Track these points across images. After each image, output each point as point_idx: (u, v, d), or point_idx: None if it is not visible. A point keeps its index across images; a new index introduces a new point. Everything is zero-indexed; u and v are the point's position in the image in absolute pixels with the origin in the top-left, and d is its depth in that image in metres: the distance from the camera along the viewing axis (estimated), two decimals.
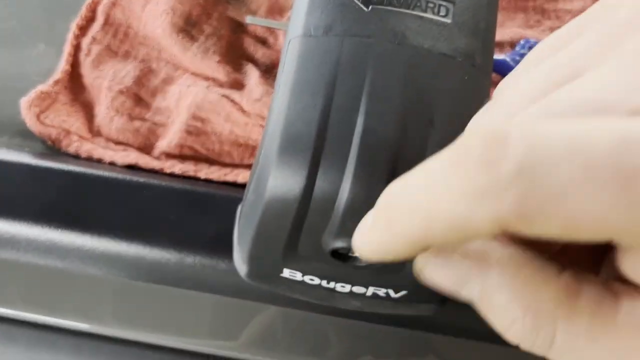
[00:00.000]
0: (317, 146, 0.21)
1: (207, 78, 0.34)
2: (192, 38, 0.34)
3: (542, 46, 0.19)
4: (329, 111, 0.22)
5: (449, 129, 0.22)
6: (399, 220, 0.16)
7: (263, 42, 0.36)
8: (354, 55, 0.22)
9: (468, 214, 0.13)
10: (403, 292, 0.25)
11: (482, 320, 0.17)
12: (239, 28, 0.36)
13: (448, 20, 0.23)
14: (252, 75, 0.34)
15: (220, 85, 0.34)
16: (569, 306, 0.15)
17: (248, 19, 0.35)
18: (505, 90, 0.19)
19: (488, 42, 0.24)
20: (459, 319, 0.29)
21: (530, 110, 0.16)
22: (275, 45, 0.36)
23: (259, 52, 0.35)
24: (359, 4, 0.23)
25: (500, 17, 0.37)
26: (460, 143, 0.14)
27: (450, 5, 0.23)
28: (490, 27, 0.25)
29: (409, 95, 0.22)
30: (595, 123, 0.13)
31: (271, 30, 0.36)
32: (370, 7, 0.23)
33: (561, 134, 0.13)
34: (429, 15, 0.23)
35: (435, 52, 0.22)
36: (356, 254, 0.22)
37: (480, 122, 0.17)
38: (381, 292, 0.25)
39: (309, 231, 0.22)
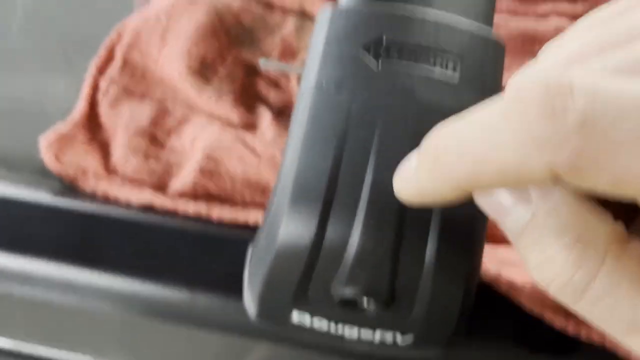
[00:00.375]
0: (327, 197, 0.22)
1: (221, 119, 0.35)
2: (207, 80, 0.35)
3: (592, 16, 0.18)
4: (340, 164, 0.22)
5: None
6: (448, 162, 0.16)
7: (275, 84, 0.37)
8: (364, 110, 0.23)
9: (524, 160, 0.14)
10: (410, 338, 0.26)
11: None
12: (253, 70, 0.37)
13: (456, 76, 0.24)
14: (265, 117, 0.35)
15: (234, 126, 0.35)
16: (620, 247, 0.15)
17: (261, 63, 0.36)
18: (553, 49, 0.19)
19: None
20: None
21: (590, 65, 0.16)
22: (288, 87, 0.37)
23: (272, 94, 0.36)
24: (370, 57, 0.24)
25: (507, 60, 0.38)
26: (514, 94, 0.14)
27: (458, 60, 0.24)
28: (497, 83, 0.25)
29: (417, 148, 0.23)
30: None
31: (284, 74, 0.37)
32: (380, 62, 0.24)
33: (626, 91, 0.13)
34: (437, 70, 0.24)
35: (442, 108, 0.23)
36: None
37: (530, 75, 0.16)
38: (389, 337, 0.26)
39: (319, 278, 0.23)
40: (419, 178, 0.18)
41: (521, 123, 0.14)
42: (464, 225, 0.23)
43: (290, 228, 0.23)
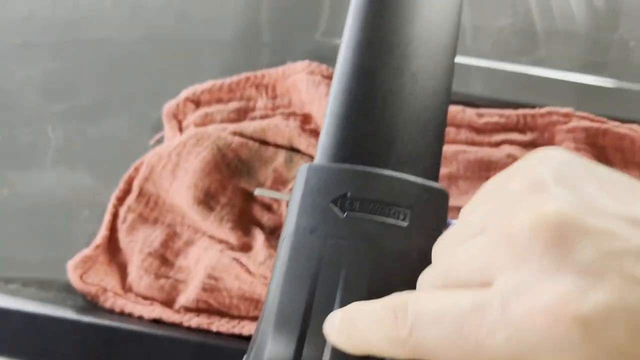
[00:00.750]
0: (303, 326, 0.27)
1: (221, 241, 0.41)
2: (210, 208, 0.42)
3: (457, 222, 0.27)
4: (313, 299, 0.28)
5: None
6: (353, 335, 0.25)
7: (268, 208, 0.43)
8: (333, 253, 0.29)
9: (388, 349, 0.23)
10: None
11: None
12: (250, 197, 0.43)
13: (405, 224, 0.30)
14: (259, 238, 0.41)
15: (232, 248, 0.41)
16: None
17: (256, 192, 0.42)
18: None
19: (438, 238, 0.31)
20: None
21: (426, 282, 0.25)
22: (279, 210, 0.43)
23: (265, 217, 0.43)
24: (337, 211, 0.30)
25: (466, 185, 0.44)
26: (384, 306, 0.23)
27: (408, 211, 0.30)
28: (440, 225, 0.31)
29: (374, 286, 0.28)
30: (452, 294, 0.22)
31: (276, 199, 0.43)
32: (345, 214, 0.30)
33: (431, 304, 0.22)
34: (391, 220, 0.30)
35: (394, 250, 0.29)
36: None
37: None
38: None
39: None
40: (338, 336, 0.26)
41: (383, 327, 0.23)
42: None
43: (273, 351, 0.28)
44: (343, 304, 0.28)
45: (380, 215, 0.30)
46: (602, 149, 0.45)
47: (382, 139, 0.32)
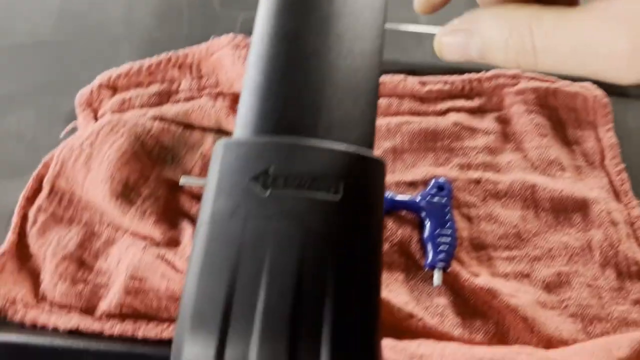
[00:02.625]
0: (223, 325, 0.23)
1: (144, 238, 0.37)
2: (130, 202, 0.37)
3: None
4: (234, 291, 0.24)
5: (342, 297, 0.24)
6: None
7: (198, 198, 0.39)
8: (255, 236, 0.25)
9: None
10: None
11: None
12: (176, 187, 0.39)
13: (337, 199, 0.26)
14: (187, 231, 0.37)
15: (157, 244, 0.36)
16: (538, 16, 0.23)
17: (182, 180, 0.38)
18: None
19: (378, 212, 0.27)
20: None
21: None
22: None
23: (194, 208, 0.38)
24: (259, 189, 0.26)
25: (411, 157, 0.41)
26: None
27: (340, 184, 0.26)
28: (378, 197, 0.28)
29: (304, 271, 0.24)
30: None
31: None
32: (268, 192, 0.26)
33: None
34: (320, 194, 0.26)
35: (326, 227, 0.25)
36: None
37: None
38: None
39: None
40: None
41: None
42: (356, 339, 0.24)
43: (190, 356, 0.24)
44: (269, 296, 0.24)
45: (309, 190, 0.26)
46: (553, 109, 0.43)
47: (308, 106, 0.29)
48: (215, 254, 0.25)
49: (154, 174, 0.39)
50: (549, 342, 0.34)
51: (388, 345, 0.32)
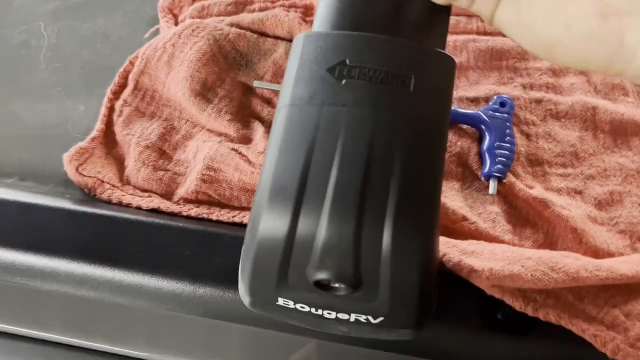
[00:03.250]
0: (298, 196, 0.26)
1: (220, 134, 0.40)
2: (208, 100, 0.40)
3: None
4: (309, 167, 0.27)
5: (407, 179, 0.26)
6: None
7: (268, 102, 0.42)
8: (330, 121, 0.27)
9: None
10: (381, 318, 0.29)
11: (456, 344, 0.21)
12: (249, 90, 0.42)
13: (408, 90, 0.28)
14: (258, 131, 0.40)
15: (231, 140, 0.39)
16: None
17: (255, 84, 0.41)
18: None
19: (444, 108, 0.29)
20: (434, 343, 0.33)
21: None
22: None
23: (265, 111, 0.41)
24: (335, 78, 0.28)
25: (476, 75, 0.42)
26: None
27: (411, 77, 0.28)
28: (447, 92, 0.29)
29: (374, 153, 0.27)
30: None
31: (275, 92, 0.41)
32: (343, 81, 0.28)
33: None
34: (391, 87, 0.28)
35: (397, 116, 0.27)
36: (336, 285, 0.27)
37: None
38: (362, 318, 0.30)
39: (295, 265, 0.27)
40: None
41: None
42: (416, 216, 0.26)
43: (268, 223, 0.27)
44: (340, 174, 0.26)
45: (382, 82, 0.28)
46: None
47: (384, 3, 0.30)
48: (293, 135, 0.27)
49: (230, 76, 0.41)
50: (596, 254, 0.36)
51: (441, 240, 0.34)
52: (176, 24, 0.44)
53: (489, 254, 0.33)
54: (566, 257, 0.34)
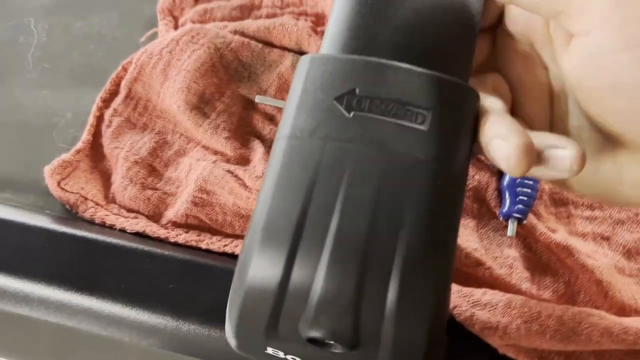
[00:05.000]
0: (294, 242, 0.23)
1: (215, 152, 0.36)
2: (205, 115, 0.37)
3: None
4: (308, 209, 0.23)
5: (418, 230, 0.23)
6: None
7: (271, 119, 0.38)
8: (334, 158, 0.24)
9: None
10: None
11: None
12: (250, 105, 0.38)
13: (424, 128, 0.25)
14: (258, 151, 0.36)
15: (227, 160, 0.36)
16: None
17: (257, 99, 0.37)
18: None
19: (465, 147, 0.25)
20: None
21: None
22: None
23: (267, 129, 0.38)
24: (342, 110, 0.25)
25: None
26: None
27: (427, 113, 0.25)
28: (468, 133, 0.26)
29: (382, 198, 0.23)
30: None
31: (279, 109, 0.38)
32: (352, 114, 0.25)
33: None
34: (406, 122, 0.25)
35: (409, 158, 0.24)
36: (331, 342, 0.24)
37: None
38: None
39: (286, 317, 0.24)
40: None
41: None
42: (426, 272, 0.23)
43: (259, 269, 0.23)
44: (342, 220, 0.23)
45: (394, 116, 0.25)
46: None
47: (403, 26, 0.27)
48: (292, 170, 0.24)
49: (230, 89, 0.38)
50: (622, 310, 0.32)
51: (452, 289, 0.31)
52: (176, 27, 0.41)
53: (504, 308, 0.30)
54: (591, 315, 0.30)
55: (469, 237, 0.34)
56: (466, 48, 0.28)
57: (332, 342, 0.24)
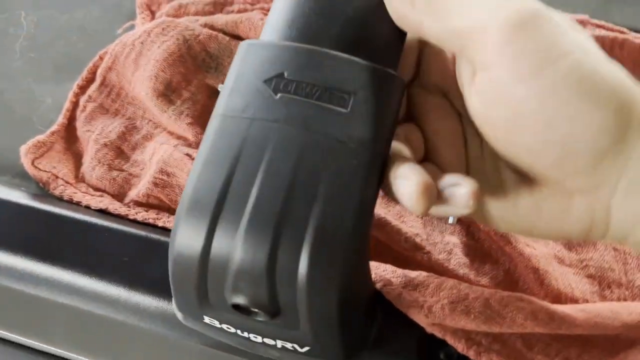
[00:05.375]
0: (215, 211, 0.25)
1: (179, 137, 0.39)
2: (170, 102, 0.39)
3: None
4: (230, 182, 0.25)
5: (330, 204, 0.25)
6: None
7: None
8: (258, 136, 0.26)
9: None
10: (307, 348, 0.28)
11: None
12: (215, 94, 0.40)
13: (345, 110, 0.26)
14: None
15: (189, 144, 0.38)
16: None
17: (220, 88, 0.39)
18: None
19: (384, 130, 0.27)
20: None
21: None
22: None
23: None
24: (270, 91, 0.27)
25: None
26: None
27: (349, 97, 0.26)
28: (390, 114, 0.27)
29: (299, 173, 0.25)
30: None
31: None
32: (279, 95, 0.26)
33: None
34: (328, 105, 0.26)
35: (329, 137, 0.26)
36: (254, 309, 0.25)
37: None
38: (289, 345, 0.28)
39: (213, 285, 0.26)
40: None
41: None
42: (335, 243, 0.24)
43: (183, 238, 0.25)
44: (261, 191, 0.25)
45: (318, 99, 0.26)
46: (618, 61, 0.39)
47: (336, 16, 0.29)
48: (219, 146, 0.26)
49: (197, 79, 0.40)
50: (558, 298, 0.33)
51: (387, 269, 0.32)
52: (152, 20, 0.43)
53: (434, 289, 0.31)
54: (519, 300, 0.31)
55: (413, 223, 0.36)
56: (395, 40, 0.29)
57: (254, 309, 0.26)
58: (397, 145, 0.28)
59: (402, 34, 0.29)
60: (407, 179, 0.25)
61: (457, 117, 0.29)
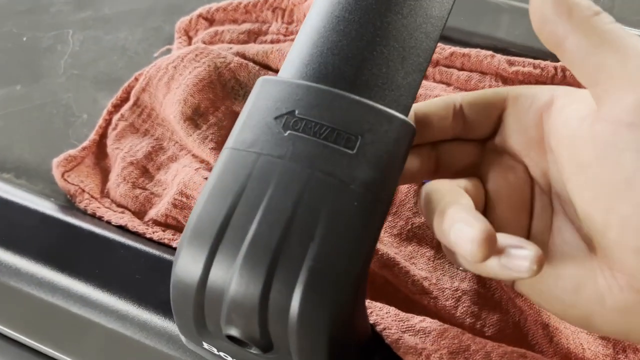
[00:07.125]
0: (215, 242, 0.25)
1: (202, 161, 0.40)
2: (196, 126, 0.40)
3: None
4: (232, 215, 0.26)
5: (327, 244, 0.25)
6: None
7: None
8: (263, 170, 0.26)
9: None
10: None
11: None
12: None
13: (351, 152, 0.26)
14: None
15: (210, 169, 0.39)
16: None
17: None
18: None
19: (389, 175, 0.27)
20: None
21: None
22: None
23: None
24: (280, 128, 0.27)
25: None
26: None
27: (356, 139, 0.26)
28: (397, 160, 0.27)
29: (299, 211, 0.25)
30: None
31: None
32: (287, 133, 0.27)
33: None
34: (335, 145, 0.26)
35: (332, 177, 0.26)
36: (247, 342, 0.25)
37: None
38: None
39: (209, 313, 0.26)
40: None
41: None
42: (328, 283, 0.24)
43: (184, 265, 0.26)
44: (260, 225, 0.25)
45: (325, 139, 0.27)
46: None
47: (352, 58, 0.29)
48: (226, 178, 0.27)
49: (224, 105, 0.41)
50: (567, 358, 0.32)
51: (391, 312, 0.32)
52: (189, 45, 0.44)
53: (436, 337, 0.30)
54: (522, 357, 0.30)
55: (422, 266, 0.35)
56: (414, 76, 0.29)
57: (247, 342, 0.26)
58: (457, 192, 0.27)
59: (418, 77, 0.29)
60: (469, 225, 0.23)
61: (529, 184, 0.28)
